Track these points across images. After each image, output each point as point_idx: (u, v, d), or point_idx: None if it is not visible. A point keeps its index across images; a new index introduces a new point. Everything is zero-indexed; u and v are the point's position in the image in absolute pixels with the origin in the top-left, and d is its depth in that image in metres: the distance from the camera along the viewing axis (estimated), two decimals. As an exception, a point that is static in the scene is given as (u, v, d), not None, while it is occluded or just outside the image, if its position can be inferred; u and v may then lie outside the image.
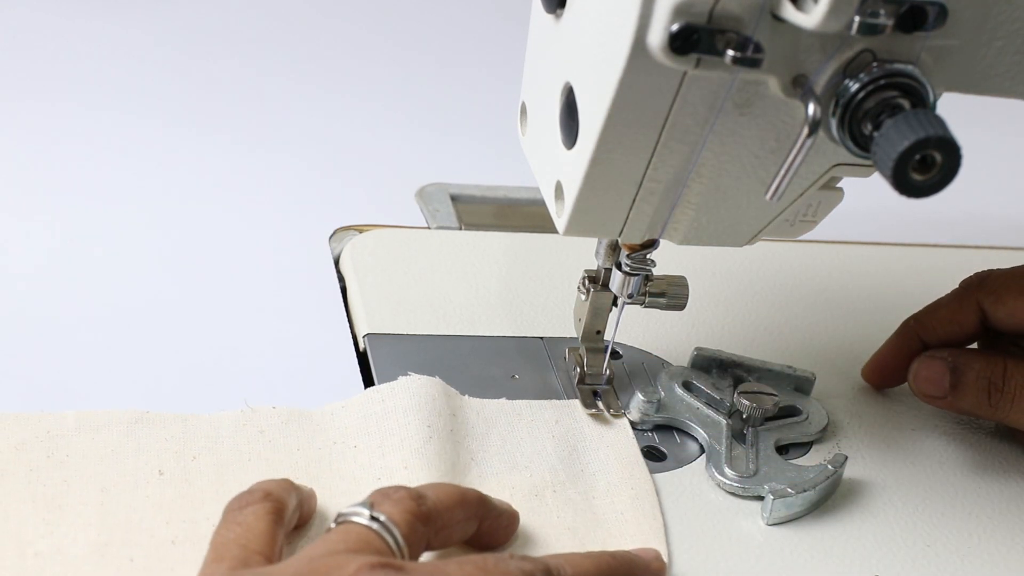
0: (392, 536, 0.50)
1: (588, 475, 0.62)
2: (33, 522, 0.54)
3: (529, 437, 0.64)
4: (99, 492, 0.56)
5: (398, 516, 0.50)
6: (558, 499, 0.60)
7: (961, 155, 0.45)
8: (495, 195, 0.87)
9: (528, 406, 0.65)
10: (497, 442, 0.63)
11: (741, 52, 0.46)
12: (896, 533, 0.61)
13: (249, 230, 0.82)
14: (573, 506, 0.60)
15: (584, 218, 0.56)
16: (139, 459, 0.58)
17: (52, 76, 0.96)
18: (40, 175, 0.84)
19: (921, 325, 0.68)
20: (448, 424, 0.62)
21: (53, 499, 0.55)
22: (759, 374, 0.68)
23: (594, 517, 0.60)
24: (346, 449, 0.61)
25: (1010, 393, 0.64)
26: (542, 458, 0.62)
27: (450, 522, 0.53)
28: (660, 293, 0.64)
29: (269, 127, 0.94)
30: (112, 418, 0.59)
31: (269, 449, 0.60)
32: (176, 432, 0.60)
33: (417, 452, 0.60)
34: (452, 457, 0.61)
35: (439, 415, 0.62)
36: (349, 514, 0.51)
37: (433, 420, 0.62)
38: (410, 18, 1.15)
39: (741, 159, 0.54)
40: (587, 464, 0.63)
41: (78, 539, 0.54)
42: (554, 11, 0.56)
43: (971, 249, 0.89)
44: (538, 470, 0.62)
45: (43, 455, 0.57)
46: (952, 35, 0.49)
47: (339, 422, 0.62)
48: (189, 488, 0.57)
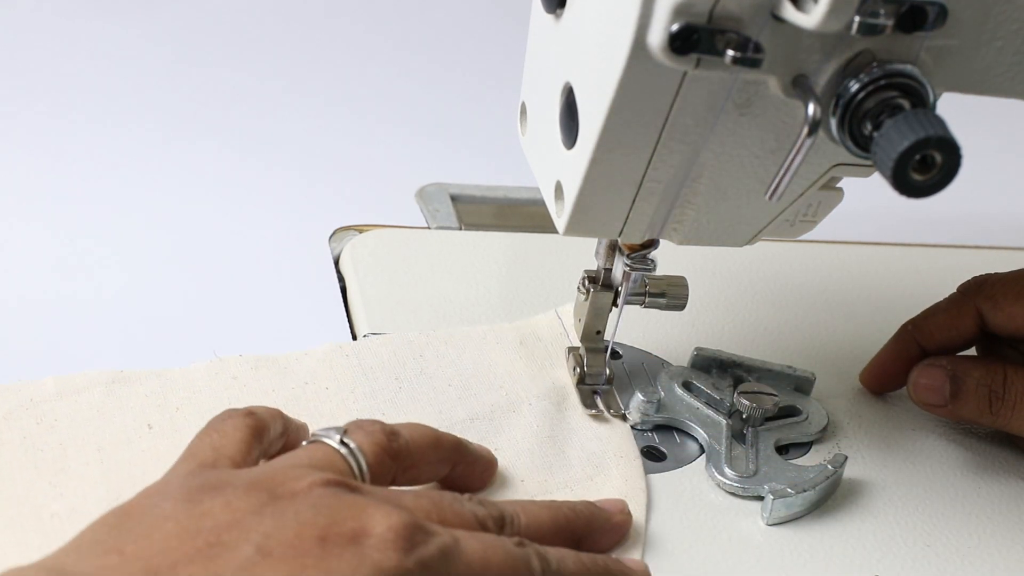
0: (357, 463, 0.51)
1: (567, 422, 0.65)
2: (41, 486, 0.55)
3: (502, 358, 0.67)
4: (96, 451, 0.58)
5: (367, 446, 0.52)
6: (534, 410, 0.64)
7: (961, 155, 0.45)
8: (495, 195, 0.87)
9: (491, 330, 0.69)
10: (470, 366, 0.66)
11: (741, 52, 0.46)
12: (896, 533, 0.61)
13: (249, 230, 0.82)
14: (549, 417, 0.63)
15: (584, 218, 0.56)
16: (125, 416, 0.60)
17: (52, 77, 0.96)
18: (41, 175, 0.84)
19: (919, 330, 0.68)
20: (417, 366, 0.66)
21: (54, 463, 0.56)
22: (759, 374, 0.68)
23: (571, 429, 0.63)
24: (319, 391, 0.63)
25: (1011, 401, 0.64)
26: (515, 377, 0.66)
27: (420, 462, 0.54)
28: (660, 293, 0.64)
29: (269, 127, 0.94)
30: (90, 380, 0.61)
31: (245, 393, 0.62)
32: (154, 387, 0.61)
33: (390, 402, 0.63)
34: (428, 395, 0.64)
35: (404, 365, 0.66)
36: (320, 435, 0.53)
37: (399, 371, 0.65)
38: (410, 18, 1.15)
39: (741, 159, 0.54)
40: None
41: (88, 497, 0.55)
42: (554, 11, 0.56)
43: (971, 249, 0.89)
44: (513, 388, 0.65)
45: (32, 422, 0.58)
46: (952, 35, 0.49)
47: (305, 366, 0.64)
48: (180, 437, 0.58)
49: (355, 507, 0.47)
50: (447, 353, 0.67)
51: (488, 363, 0.67)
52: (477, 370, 0.67)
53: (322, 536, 0.46)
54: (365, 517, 0.47)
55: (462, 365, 0.67)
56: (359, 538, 0.46)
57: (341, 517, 0.46)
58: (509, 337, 0.69)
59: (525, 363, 0.67)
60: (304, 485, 0.48)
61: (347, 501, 0.47)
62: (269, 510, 0.46)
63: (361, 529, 0.46)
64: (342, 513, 0.47)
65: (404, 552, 0.46)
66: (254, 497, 0.47)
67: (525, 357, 0.68)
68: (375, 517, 0.47)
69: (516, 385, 0.66)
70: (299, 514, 0.46)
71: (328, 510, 0.47)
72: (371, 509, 0.47)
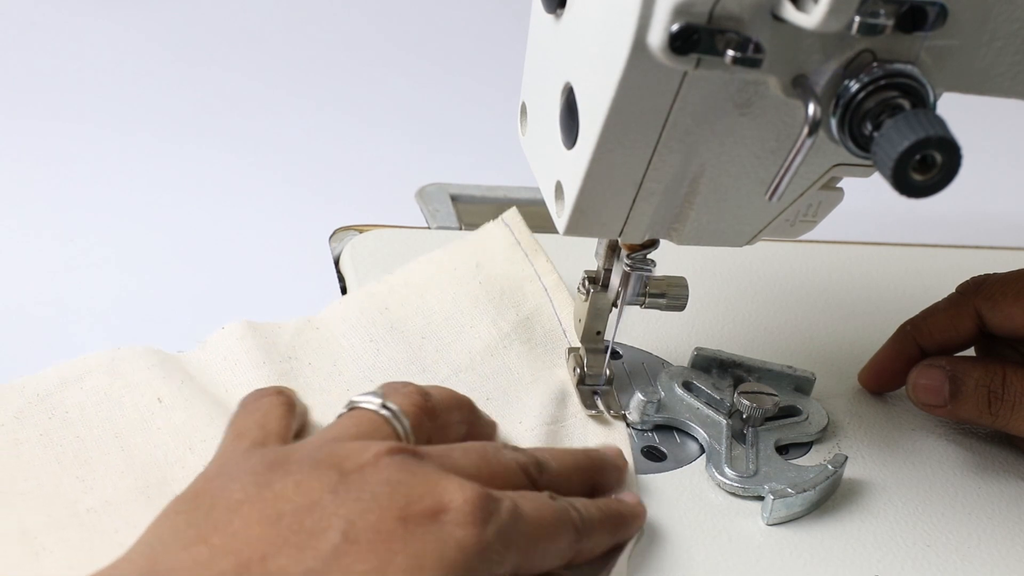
0: (402, 425, 0.52)
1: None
2: (68, 482, 0.55)
3: (463, 292, 0.69)
4: (114, 438, 0.58)
5: (408, 407, 0.53)
6: (511, 353, 0.67)
7: (961, 155, 0.45)
8: (495, 195, 0.87)
9: (447, 257, 0.71)
10: (436, 308, 0.68)
11: (741, 52, 0.46)
12: (896, 533, 0.61)
13: (250, 230, 0.82)
14: (529, 363, 0.67)
15: (584, 218, 0.56)
16: (134, 394, 0.60)
17: (54, 77, 0.96)
18: (43, 175, 0.84)
19: (918, 330, 0.68)
20: (387, 322, 0.67)
21: (75, 456, 0.56)
22: (759, 374, 0.69)
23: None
24: (302, 366, 0.64)
25: (1010, 401, 0.64)
26: (481, 311, 0.68)
27: (448, 421, 0.56)
28: (660, 294, 0.64)
29: (269, 128, 0.94)
30: (88, 364, 0.61)
31: (239, 367, 0.63)
32: (154, 361, 0.62)
33: (372, 367, 0.65)
34: (406, 354, 0.66)
35: (374, 323, 0.67)
36: (360, 401, 0.53)
37: (372, 332, 0.66)
38: (410, 18, 1.15)
39: (741, 159, 0.54)
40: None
41: (119, 487, 0.55)
42: (554, 11, 0.56)
43: (971, 249, 0.89)
44: (483, 327, 0.67)
45: (45, 417, 0.58)
46: (952, 35, 0.49)
47: (283, 341, 0.65)
48: (192, 409, 0.59)
49: (427, 480, 0.48)
50: (410, 299, 0.69)
51: (452, 301, 0.69)
52: (445, 314, 0.68)
53: (402, 516, 0.47)
54: (439, 491, 0.48)
55: (429, 311, 0.68)
56: (438, 514, 0.47)
57: (417, 494, 0.47)
58: (466, 263, 0.71)
59: (486, 292, 0.69)
60: (370, 457, 0.48)
61: (417, 474, 0.48)
62: (343, 489, 0.47)
63: (438, 505, 0.47)
64: (416, 489, 0.48)
65: (482, 524, 0.48)
66: (324, 475, 0.48)
67: (485, 285, 0.69)
68: (449, 490, 0.48)
69: (484, 320, 0.68)
70: (376, 495, 0.47)
71: (402, 487, 0.48)
72: (443, 482, 0.48)
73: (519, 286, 0.70)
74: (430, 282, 0.70)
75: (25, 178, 0.83)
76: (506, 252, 0.72)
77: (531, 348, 0.68)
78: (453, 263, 0.70)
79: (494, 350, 0.67)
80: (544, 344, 0.69)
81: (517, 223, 0.73)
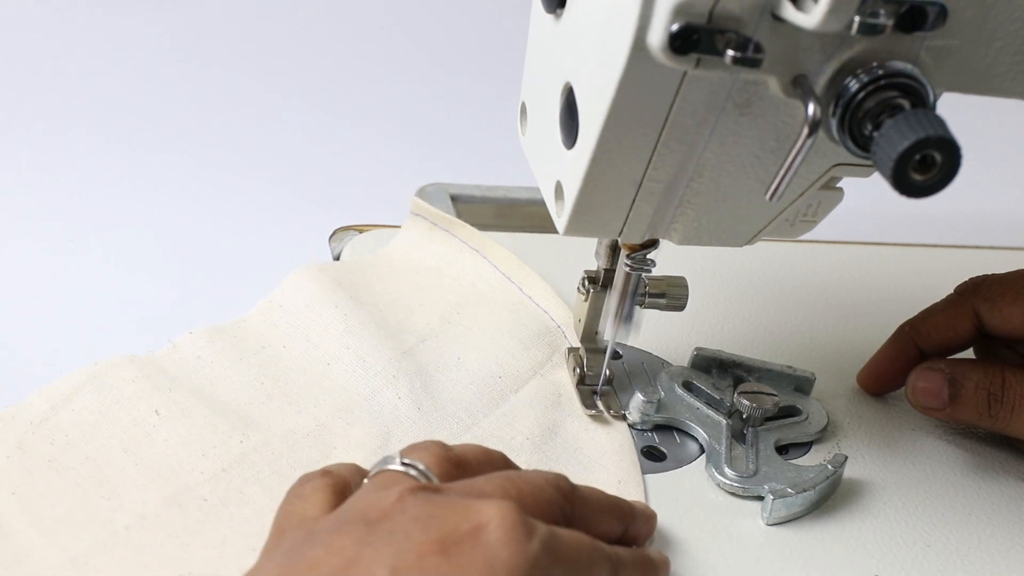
0: (427, 479, 0.50)
1: None
2: (95, 502, 0.55)
3: (407, 282, 0.71)
4: (123, 454, 0.58)
5: (429, 460, 0.51)
6: (463, 315, 0.70)
7: (961, 155, 0.45)
8: (495, 195, 0.87)
9: (372, 257, 0.73)
10: (380, 288, 0.70)
11: (741, 52, 0.46)
12: (896, 533, 0.61)
13: (250, 230, 0.82)
14: (487, 311, 0.69)
15: (584, 218, 0.56)
16: (128, 409, 0.60)
17: (55, 77, 0.96)
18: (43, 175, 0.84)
19: (916, 331, 0.68)
20: (346, 293, 0.68)
21: (92, 476, 0.56)
22: (759, 374, 0.69)
23: (569, 430, 0.64)
24: (277, 351, 0.65)
25: (1009, 403, 0.64)
26: (429, 292, 0.71)
27: (478, 471, 0.53)
28: (660, 294, 0.64)
29: (270, 128, 0.94)
30: (72, 384, 0.60)
31: (217, 366, 0.63)
32: (137, 372, 0.62)
33: (346, 331, 0.66)
34: (370, 316, 0.67)
35: (334, 291, 0.68)
36: (382, 464, 0.51)
37: (335, 299, 0.68)
38: (410, 18, 1.15)
39: (741, 159, 0.54)
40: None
41: (147, 500, 0.55)
42: (554, 11, 0.56)
43: (971, 249, 0.89)
44: (431, 299, 0.70)
45: (46, 443, 0.58)
46: (952, 35, 0.49)
47: (254, 330, 0.66)
48: (192, 418, 0.59)
49: (456, 508, 0.46)
50: (357, 282, 0.70)
51: (395, 287, 0.71)
52: (393, 296, 0.70)
53: (442, 547, 0.45)
54: (473, 513, 0.46)
55: (376, 293, 0.70)
56: (477, 535, 0.45)
57: (451, 522, 0.46)
58: (399, 257, 0.74)
59: (424, 277, 0.72)
60: (392, 501, 0.47)
61: (444, 505, 0.46)
62: (375, 538, 0.45)
63: (476, 526, 0.45)
64: (448, 518, 0.46)
65: (526, 539, 0.46)
66: (352, 531, 0.46)
67: (422, 272, 0.72)
68: (482, 511, 0.46)
69: (433, 296, 0.70)
70: (409, 533, 0.45)
71: (433, 519, 0.46)
72: (475, 504, 0.46)
73: (454, 259, 0.73)
74: (371, 272, 0.72)
75: (28, 178, 0.83)
76: (429, 235, 0.75)
77: (486, 304, 0.69)
78: (387, 261, 0.73)
79: (450, 317, 0.69)
80: (495, 299, 0.71)
81: (425, 208, 0.76)
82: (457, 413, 0.63)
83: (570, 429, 0.64)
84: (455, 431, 0.63)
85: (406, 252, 0.74)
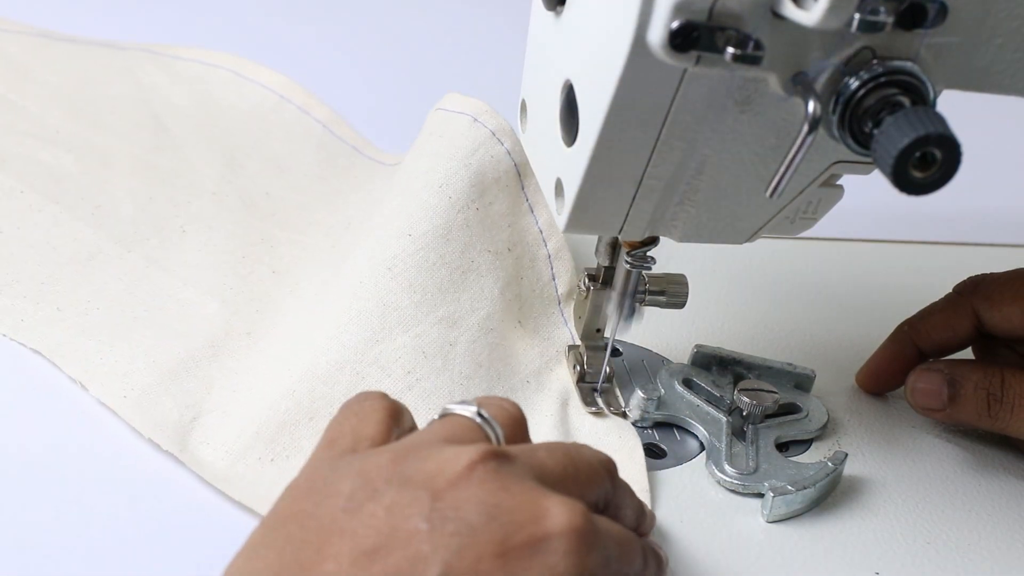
0: (495, 433, 0.50)
1: None
2: None
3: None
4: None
5: (501, 417, 0.51)
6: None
7: (961, 152, 0.45)
8: (495, 193, 0.87)
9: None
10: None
11: (741, 49, 0.46)
12: (896, 530, 0.61)
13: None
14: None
15: (584, 215, 0.56)
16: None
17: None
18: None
19: (915, 330, 0.68)
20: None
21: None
22: (759, 371, 0.69)
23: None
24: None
25: (1009, 403, 0.64)
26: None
27: (527, 438, 0.53)
28: (660, 291, 0.64)
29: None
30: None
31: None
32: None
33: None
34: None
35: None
36: (454, 408, 0.51)
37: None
38: (409, 16, 1.15)
39: (741, 157, 0.54)
40: None
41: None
42: (554, 8, 0.56)
43: (971, 246, 0.89)
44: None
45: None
46: (952, 32, 0.49)
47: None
48: None
49: (524, 500, 0.46)
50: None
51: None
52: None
53: (502, 551, 0.44)
54: (540, 513, 0.45)
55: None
56: (539, 543, 0.45)
57: (516, 522, 0.45)
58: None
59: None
60: (462, 469, 0.46)
61: (513, 491, 0.46)
62: (437, 518, 0.44)
63: (540, 532, 0.45)
64: (515, 513, 0.45)
65: (587, 554, 0.45)
66: (415, 497, 0.45)
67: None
68: (551, 514, 0.45)
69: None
70: (473, 527, 0.44)
71: (500, 512, 0.45)
72: (542, 502, 0.46)
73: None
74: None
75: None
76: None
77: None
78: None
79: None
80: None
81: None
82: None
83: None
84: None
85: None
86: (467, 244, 0.67)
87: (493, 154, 0.69)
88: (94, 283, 0.69)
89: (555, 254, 0.70)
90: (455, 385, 0.64)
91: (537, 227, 0.70)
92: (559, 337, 0.70)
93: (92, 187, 0.77)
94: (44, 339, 0.65)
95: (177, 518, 0.57)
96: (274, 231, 0.76)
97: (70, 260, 0.71)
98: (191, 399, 0.62)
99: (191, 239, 0.74)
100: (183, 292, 0.70)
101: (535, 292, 0.70)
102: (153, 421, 0.61)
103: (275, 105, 0.88)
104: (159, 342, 0.65)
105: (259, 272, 0.72)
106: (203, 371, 0.64)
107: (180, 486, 0.58)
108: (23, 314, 0.66)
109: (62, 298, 0.68)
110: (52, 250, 0.71)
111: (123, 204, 0.76)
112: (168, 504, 0.57)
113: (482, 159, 0.68)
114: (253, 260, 0.73)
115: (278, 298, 0.70)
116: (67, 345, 0.65)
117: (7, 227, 0.72)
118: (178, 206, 0.77)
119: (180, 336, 0.66)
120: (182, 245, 0.73)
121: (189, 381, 0.63)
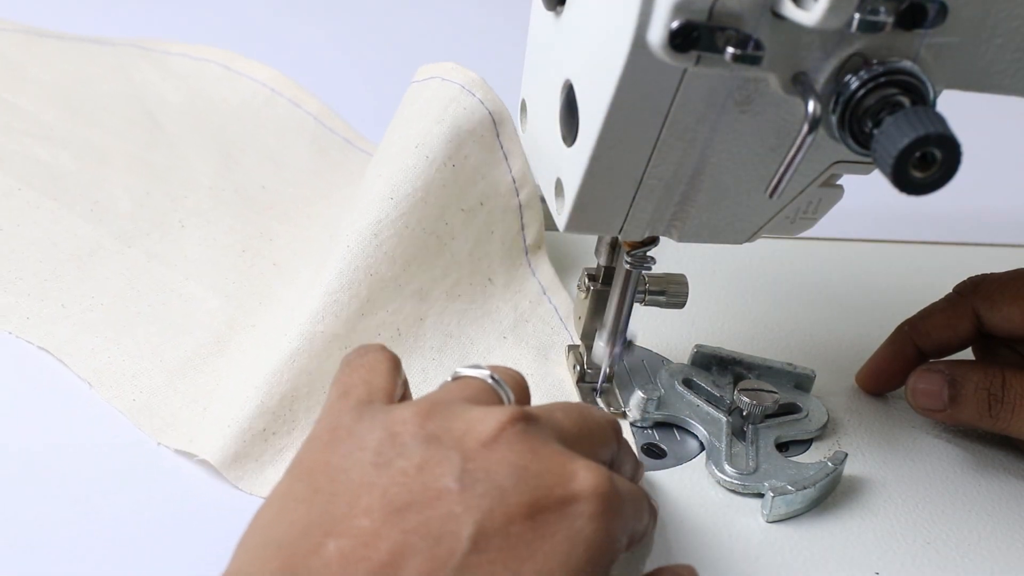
0: (507, 396, 0.51)
1: None
2: None
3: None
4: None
5: (510, 381, 0.52)
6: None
7: (961, 152, 0.45)
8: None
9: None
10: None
11: (741, 49, 0.46)
12: (896, 530, 0.61)
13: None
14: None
15: (584, 215, 0.56)
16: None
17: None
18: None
19: (915, 330, 0.68)
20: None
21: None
22: (759, 371, 0.69)
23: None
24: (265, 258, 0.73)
25: (1010, 403, 0.64)
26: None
27: (530, 403, 0.54)
28: (660, 291, 0.64)
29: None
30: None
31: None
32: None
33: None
34: None
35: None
36: (466, 372, 0.52)
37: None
38: (409, 15, 1.15)
39: (741, 156, 0.54)
40: None
41: None
42: (554, 8, 0.56)
43: (971, 246, 0.89)
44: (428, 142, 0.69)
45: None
46: (952, 32, 0.49)
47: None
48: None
49: (553, 463, 0.47)
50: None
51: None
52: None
53: (531, 512, 0.45)
54: (568, 476, 0.46)
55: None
56: (567, 506, 0.46)
57: (545, 484, 0.46)
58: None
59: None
60: (493, 429, 0.47)
61: (541, 455, 0.47)
62: (468, 479, 0.45)
63: (568, 495, 0.46)
64: (544, 476, 0.46)
65: (611, 517, 0.47)
66: (446, 457, 0.46)
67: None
68: (578, 477, 0.47)
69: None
70: (503, 489, 0.45)
71: (529, 474, 0.46)
72: (569, 465, 0.47)
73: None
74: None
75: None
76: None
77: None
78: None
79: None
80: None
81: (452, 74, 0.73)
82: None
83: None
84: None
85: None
86: (443, 207, 0.68)
87: (466, 106, 0.69)
88: (96, 279, 0.69)
89: (526, 203, 0.71)
90: (427, 361, 0.66)
91: (510, 176, 0.70)
92: (529, 288, 0.71)
93: (90, 184, 0.77)
94: (50, 336, 0.65)
95: (187, 513, 0.57)
96: (272, 224, 0.76)
97: (71, 256, 0.71)
98: (200, 392, 0.63)
99: (190, 233, 0.74)
100: (185, 287, 0.70)
101: (504, 245, 0.71)
102: (163, 421, 0.61)
103: (267, 99, 0.88)
104: (165, 339, 0.66)
105: (260, 265, 0.72)
106: (210, 366, 0.65)
107: (189, 480, 0.59)
108: (28, 311, 0.67)
109: (65, 294, 0.68)
110: (53, 246, 0.71)
111: (121, 200, 0.76)
112: (179, 498, 0.58)
113: (456, 113, 0.69)
114: (253, 253, 0.73)
115: (280, 290, 0.70)
116: (73, 343, 0.65)
117: (7, 225, 0.72)
118: (175, 201, 0.77)
119: (185, 332, 0.66)
120: (181, 240, 0.73)
121: (198, 377, 0.64)
